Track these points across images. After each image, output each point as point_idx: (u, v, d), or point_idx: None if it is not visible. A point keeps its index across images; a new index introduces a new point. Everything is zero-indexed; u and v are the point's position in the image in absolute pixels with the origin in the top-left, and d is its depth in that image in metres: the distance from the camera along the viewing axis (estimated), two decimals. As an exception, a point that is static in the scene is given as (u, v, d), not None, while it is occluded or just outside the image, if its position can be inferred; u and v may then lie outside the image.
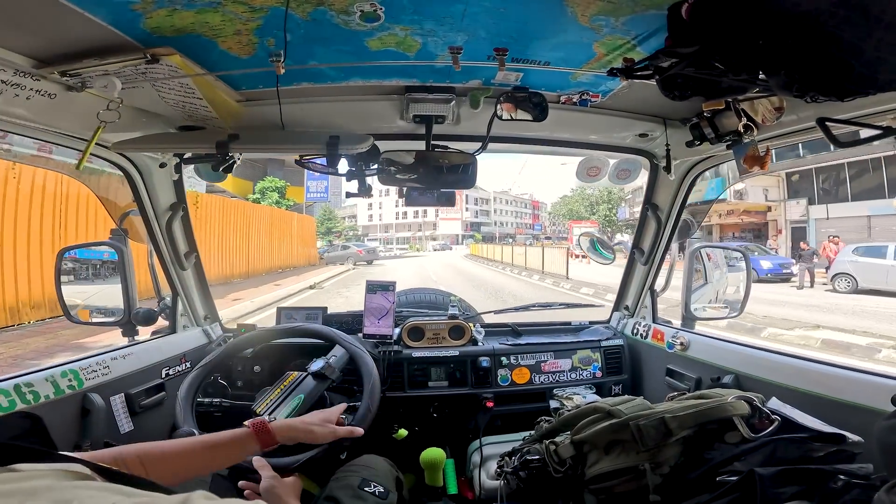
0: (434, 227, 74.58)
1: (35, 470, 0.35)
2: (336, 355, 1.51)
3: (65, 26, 0.95)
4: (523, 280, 17.74)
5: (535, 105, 1.39)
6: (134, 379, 1.52)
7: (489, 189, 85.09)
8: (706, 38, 0.85)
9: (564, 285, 14.81)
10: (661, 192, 1.93)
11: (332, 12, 0.98)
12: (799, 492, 0.78)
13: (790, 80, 0.84)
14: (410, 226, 77.42)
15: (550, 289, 14.49)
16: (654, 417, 1.05)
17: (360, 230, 79.28)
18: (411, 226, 77.34)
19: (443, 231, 73.39)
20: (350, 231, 75.88)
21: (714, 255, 2.39)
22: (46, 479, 0.35)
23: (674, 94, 1.04)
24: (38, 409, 1.17)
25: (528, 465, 1.19)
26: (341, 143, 1.40)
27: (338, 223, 73.03)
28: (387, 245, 68.74)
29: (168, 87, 1.21)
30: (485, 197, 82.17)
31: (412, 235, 75.47)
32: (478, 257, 34.27)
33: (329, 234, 67.57)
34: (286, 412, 1.33)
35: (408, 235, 76.13)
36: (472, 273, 21.30)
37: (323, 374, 1.44)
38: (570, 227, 36.42)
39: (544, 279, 17.15)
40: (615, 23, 1.02)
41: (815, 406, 1.15)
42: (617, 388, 1.99)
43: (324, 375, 1.44)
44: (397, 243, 73.11)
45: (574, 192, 48.11)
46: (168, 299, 1.89)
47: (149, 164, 1.61)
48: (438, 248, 62.18)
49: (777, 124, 1.29)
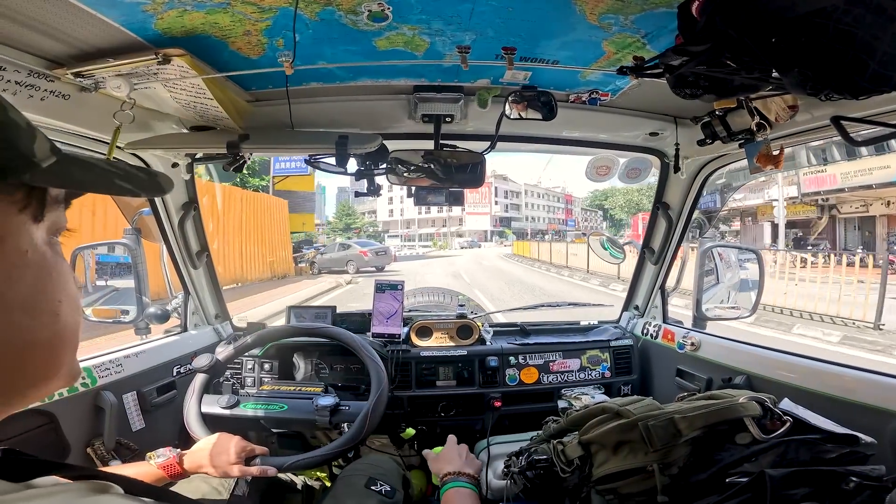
0: (460, 223, 69.40)
1: (56, 485, 0.36)
2: (348, 426, 1.42)
3: (78, 27, 0.96)
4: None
5: (544, 104, 1.38)
6: (146, 377, 1.55)
7: (519, 181, 79.34)
8: (718, 36, 0.84)
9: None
10: (672, 192, 1.91)
11: (340, 12, 0.98)
12: (810, 493, 0.77)
13: (804, 79, 0.82)
14: (434, 221, 72.85)
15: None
16: (664, 418, 1.04)
17: (379, 226, 76.25)
18: (435, 221, 72.75)
19: (469, 227, 68.42)
20: (370, 227, 72.88)
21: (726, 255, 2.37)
22: (67, 493, 0.36)
23: (685, 92, 1.03)
24: (52, 406, 1.20)
25: (536, 465, 1.18)
26: (350, 142, 1.41)
27: (357, 219, 70.93)
28: (408, 242, 64.73)
29: (179, 88, 1.23)
30: (515, 189, 76.04)
31: (436, 232, 70.87)
32: (526, 259, 27.22)
33: (348, 230, 65.89)
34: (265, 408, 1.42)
35: (431, 232, 71.80)
36: (537, 284, 14.95)
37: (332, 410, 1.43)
38: (637, 222, 30.38)
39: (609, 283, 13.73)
40: (624, 21, 1.01)
41: (827, 407, 1.13)
42: (626, 389, 1.98)
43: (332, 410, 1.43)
44: (420, 240, 68.93)
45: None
46: (179, 297, 1.92)
47: (161, 164, 1.63)
48: (466, 245, 57.26)
49: (791, 123, 1.27)
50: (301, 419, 1.42)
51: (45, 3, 0.87)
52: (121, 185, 0.46)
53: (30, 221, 0.39)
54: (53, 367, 0.42)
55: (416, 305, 2.88)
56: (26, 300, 0.39)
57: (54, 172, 0.39)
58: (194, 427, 1.40)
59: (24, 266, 0.38)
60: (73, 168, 0.42)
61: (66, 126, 1.24)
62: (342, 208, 72.32)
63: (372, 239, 68.40)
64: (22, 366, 0.39)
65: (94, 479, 0.39)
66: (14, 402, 0.40)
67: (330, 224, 71.44)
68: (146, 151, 1.51)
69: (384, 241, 67.38)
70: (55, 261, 0.42)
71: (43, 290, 0.40)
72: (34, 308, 0.39)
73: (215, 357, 1.50)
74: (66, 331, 0.43)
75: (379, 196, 1.75)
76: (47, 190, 0.41)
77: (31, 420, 1.16)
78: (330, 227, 68.07)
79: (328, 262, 19.20)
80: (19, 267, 0.38)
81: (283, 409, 1.43)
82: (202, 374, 1.50)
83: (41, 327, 0.40)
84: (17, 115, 0.39)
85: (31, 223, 0.39)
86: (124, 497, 0.39)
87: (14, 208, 0.38)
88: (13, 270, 0.38)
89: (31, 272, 0.39)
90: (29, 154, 0.37)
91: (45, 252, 0.41)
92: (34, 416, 1.17)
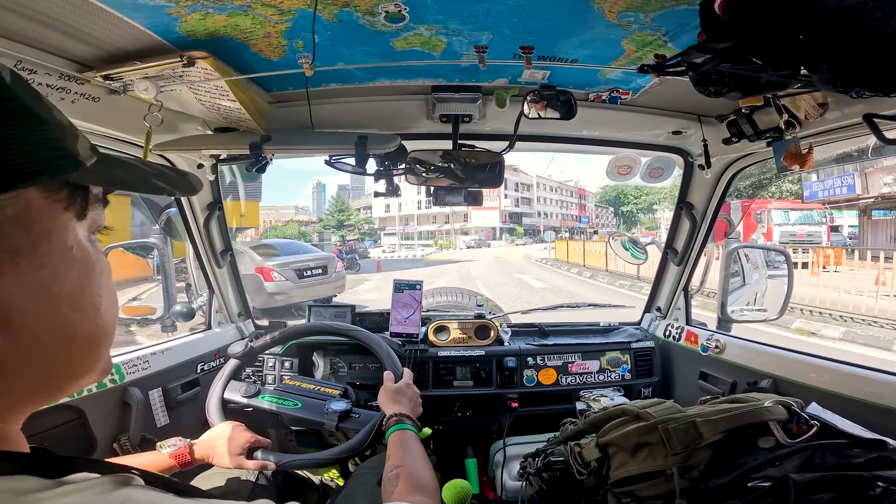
0: (465, 219, 59.27)
1: (84, 481, 0.37)
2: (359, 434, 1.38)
3: (105, 30, 0.99)
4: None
5: (563, 103, 1.37)
6: (171, 374, 1.59)
7: (531, 173, 69.37)
8: (742, 33, 0.82)
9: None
10: (696, 191, 1.87)
11: (358, 13, 1.00)
12: (835, 498, 0.75)
13: (834, 76, 0.80)
14: (436, 217, 62.15)
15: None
16: (685, 421, 1.03)
17: (375, 223, 68.71)
18: (436, 217, 61.96)
19: (476, 223, 58.75)
20: (365, 224, 66.84)
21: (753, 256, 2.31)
22: (95, 487, 0.37)
23: (709, 90, 1.01)
24: (81, 402, 1.23)
25: (552, 466, 1.18)
26: (369, 143, 1.43)
27: (351, 215, 64.51)
28: (406, 241, 58.12)
29: (203, 90, 1.26)
30: (526, 182, 67.09)
31: (438, 229, 61.00)
32: (574, 266, 18.84)
33: (341, 227, 60.78)
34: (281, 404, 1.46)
35: (432, 229, 61.88)
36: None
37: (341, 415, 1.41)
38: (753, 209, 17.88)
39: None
40: (644, 19, 1.00)
41: (856, 411, 1.10)
42: (647, 391, 1.95)
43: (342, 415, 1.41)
44: (420, 238, 60.32)
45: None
46: (204, 296, 1.97)
47: (186, 164, 1.67)
48: (473, 244, 49.04)
49: (821, 121, 1.23)
50: (312, 419, 1.43)
51: (73, 7, 0.89)
52: (157, 183, 0.48)
53: (74, 219, 0.41)
54: (92, 360, 0.44)
55: (435, 305, 2.89)
56: (72, 294, 0.40)
57: (97, 172, 0.41)
58: (213, 411, 1.43)
59: (70, 262, 0.40)
60: (114, 167, 0.44)
61: (96, 128, 1.28)
62: (335, 203, 67.12)
63: (367, 238, 59.70)
64: (65, 357, 0.41)
65: (117, 473, 0.41)
66: (52, 393, 0.42)
67: (322, 221, 67.11)
68: (172, 152, 1.55)
69: (380, 239, 59.88)
70: (96, 257, 0.44)
71: (86, 286, 0.42)
72: (78, 302, 0.41)
73: (250, 344, 1.56)
74: (106, 325, 0.44)
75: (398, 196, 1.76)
76: (89, 189, 0.42)
77: (62, 415, 1.20)
78: (322, 225, 64.18)
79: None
80: (65, 262, 0.40)
81: (297, 407, 1.45)
82: (234, 360, 1.54)
83: (84, 321, 0.42)
84: (61, 116, 0.41)
85: (75, 221, 0.41)
86: (144, 488, 0.41)
87: (60, 206, 0.39)
88: (60, 266, 0.39)
89: (76, 268, 0.41)
90: (74, 153, 0.39)
91: (87, 249, 0.42)
92: (64, 412, 1.21)
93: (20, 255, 0.36)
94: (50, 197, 0.38)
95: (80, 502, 0.35)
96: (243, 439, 1.26)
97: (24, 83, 0.39)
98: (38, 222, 0.37)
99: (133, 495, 0.38)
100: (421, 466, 0.99)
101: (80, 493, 0.35)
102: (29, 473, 0.35)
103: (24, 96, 0.37)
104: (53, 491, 0.34)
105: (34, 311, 0.38)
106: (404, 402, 1.29)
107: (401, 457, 1.02)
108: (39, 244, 0.38)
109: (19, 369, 0.38)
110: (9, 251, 0.36)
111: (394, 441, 1.10)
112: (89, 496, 0.36)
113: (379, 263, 23.26)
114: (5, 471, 0.34)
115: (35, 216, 0.37)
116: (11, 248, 0.36)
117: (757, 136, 1.39)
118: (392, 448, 1.07)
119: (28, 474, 0.35)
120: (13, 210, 0.35)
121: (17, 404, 0.40)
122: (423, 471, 0.97)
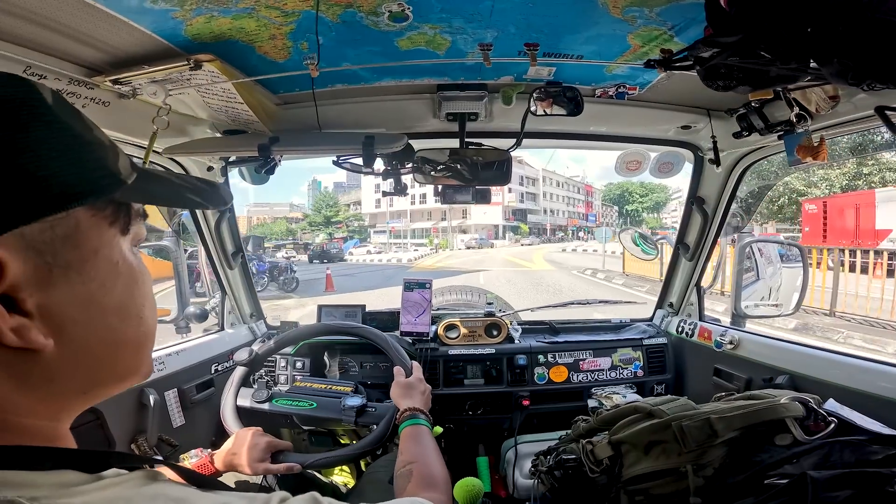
0: (464, 215, 52.52)
1: (118, 476, 0.40)
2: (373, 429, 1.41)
3: (112, 35, 1.00)
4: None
5: (570, 100, 1.36)
6: (186, 375, 1.61)
7: (537, 166, 63.06)
8: (749, 27, 0.81)
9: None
10: (707, 186, 1.85)
11: (361, 14, 1.00)
12: (853, 495, 0.74)
13: (844, 69, 0.79)
14: (431, 213, 55.54)
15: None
16: (699, 418, 1.01)
17: (365, 220, 63.21)
18: (432, 213, 55.44)
19: (476, 220, 52.63)
20: (354, 221, 62.29)
21: (766, 250, 2.28)
22: (130, 482, 0.40)
23: (717, 84, 1.00)
24: (100, 403, 1.25)
25: (564, 464, 1.17)
26: (376, 142, 1.43)
27: (340, 211, 60.87)
28: (399, 239, 53.62)
29: (211, 93, 1.27)
30: (532, 176, 60.99)
31: (433, 226, 55.15)
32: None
33: (329, 224, 57.75)
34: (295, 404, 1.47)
35: (427, 226, 55.80)
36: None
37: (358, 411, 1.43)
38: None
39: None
40: (649, 13, 0.99)
41: (874, 407, 1.08)
42: (659, 388, 1.93)
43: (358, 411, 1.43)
44: (412, 237, 55.30)
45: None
46: (217, 297, 1.99)
47: (197, 167, 1.69)
48: (474, 244, 44.01)
49: (832, 113, 1.21)
50: (329, 418, 1.44)
51: (80, 12, 0.90)
52: (191, 198, 0.52)
53: (118, 234, 0.44)
54: (136, 364, 0.48)
55: (444, 304, 2.89)
56: (118, 305, 0.43)
57: (137, 189, 0.44)
58: (229, 419, 1.44)
59: (116, 275, 0.43)
60: (152, 184, 0.48)
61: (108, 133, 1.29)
62: (321, 198, 62.60)
63: (356, 236, 55.56)
64: (112, 362, 0.44)
65: (146, 469, 0.44)
66: (99, 395, 0.46)
67: (308, 217, 63.93)
68: (183, 156, 1.57)
69: (370, 237, 54.25)
70: (140, 269, 0.46)
71: (131, 297, 0.45)
72: (124, 312, 0.44)
73: (255, 351, 1.56)
74: (149, 332, 0.48)
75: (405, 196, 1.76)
76: (131, 205, 0.45)
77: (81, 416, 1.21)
78: (308, 221, 61.74)
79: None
80: (112, 276, 0.43)
81: (313, 407, 1.46)
82: (241, 368, 1.55)
83: (129, 328, 0.45)
84: (102, 134, 0.44)
85: (120, 236, 0.44)
86: (172, 483, 0.44)
87: (105, 223, 0.42)
88: (107, 279, 0.42)
89: (122, 281, 0.44)
90: (117, 172, 0.42)
91: (131, 262, 0.45)
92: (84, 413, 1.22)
93: (72, 270, 0.39)
94: (97, 215, 0.41)
95: (116, 495, 0.38)
96: (264, 444, 1.26)
97: (65, 104, 0.41)
98: (86, 239, 0.40)
99: (164, 490, 0.41)
100: (434, 462, 0.99)
101: (117, 486, 0.39)
102: (72, 468, 0.38)
103: (67, 118, 0.40)
104: (93, 485, 0.37)
105: (85, 321, 0.40)
106: (416, 395, 1.28)
107: (415, 452, 1.02)
108: (88, 259, 0.40)
109: (71, 374, 0.41)
110: (62, 266, 0.38)
111: (407, 435, 1.10)
112: (124, 489, 0.39)
113: (329, 279, 14.77)
114: (53, 465, 0.37)
115: (83, 233, 0.40)
116: (64, 263, 0.38)
117: (768, 129, 1.37)
118: (405, 443, 1.07)
119: (71, 469, 0.38)
120: (63, 228, 0.38)
121: (67, 405, 0.44)
122: (435, 466, 0.97)
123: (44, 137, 0.36)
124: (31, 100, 0.37)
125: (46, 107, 0.38)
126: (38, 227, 0.36)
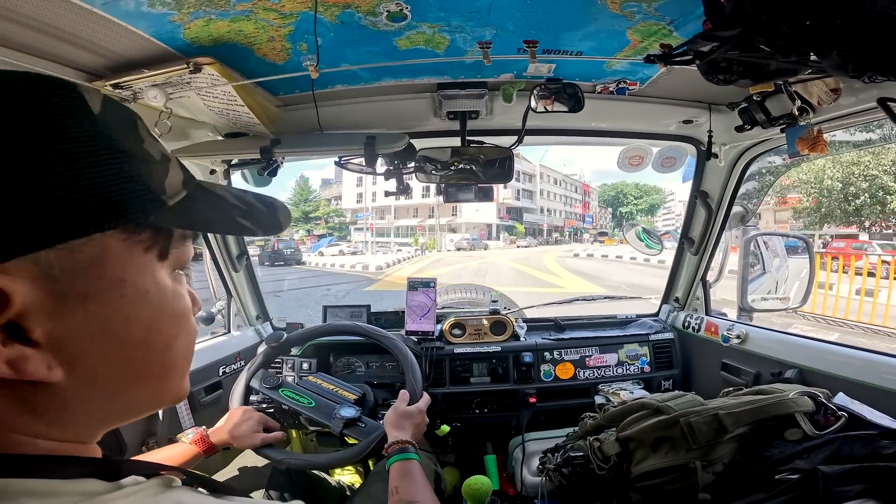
0: (454, 213, 47.51)
1: (136, 483, 0.39)
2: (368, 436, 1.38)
3: (112, 40, 1.00)
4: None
5: (570, 96, 1.36)
6: (195, 377, 1.61)
7: (534, 161, 58.22)
8: (748, 20, 0.80)
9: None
10: (711, 180, 1.84)
11: (360, 14, 1.00)
12: (864, 490, 0.73)
13: (844, 61, 0.78)
14: (417, 210, 49.95)
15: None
16: (707, 414, 1.01)
17: (346, 216, 57.13)
18: (418, 210, 49.87)
19: (467, 219, 47.86)
20: (334, 216, 57.45)
21: (772, 244, 2.26)
22: (148, 490, 0.39)
23: (717, 78, 0.99)
24: None
25: (571, 461, 1.17)
26: (378, 142, 1.43)
27: (319, 206, 56.81)
28: (382, 237, 48.40)
29: (212, 96, 1.28)
30: (529, 171, 56.57)
31: (419, 224, 49.53)
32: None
33: (308, 220, 53.37)
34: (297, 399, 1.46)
35: (413, 224, 50.38)
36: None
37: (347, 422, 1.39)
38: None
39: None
40: (647, 8, 0.98)
41: (885, 402, 1.07)
42: (667, 384, 1.92)
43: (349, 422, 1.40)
44: (397, 236, 49.47)
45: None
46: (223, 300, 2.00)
47: (200, 171, 1.69)
48: (465, 245, 39.75)
49: (834, 106, 1.20)
50: (320, 420, 1.43)
51: (78, 17, 0.90)
52: (242, 223, 0.45)
53: (155, 260, 0.39)
54: (162, 393, 0.44)
55: (449, 302, 2.89)
56: (143, 339, 0.39)
57: (178, 212, 0.40)
58: (236, 397, 1.45)
59: (144, 306, 0.39)
60: (199, 204, 0.42)
61: None
62: (299, 192, 55.89)
63: (335, 233, 50.71)
64: (133, 393, 0.41)
65: (160, 475, 0.43)
66: (125, 418, 0.43)
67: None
68: (185, 159, 1.57)
69: (350, 235, 49.13)
70: (176, 295, 0.42)
71: (158, 330, 0.41)
72: (148, 345, 0.40)
73: (286, 336, 1.59)
74: (178, 360, 0.44)
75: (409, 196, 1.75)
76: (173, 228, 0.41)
77: None
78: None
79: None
80: (138, 307, 0.38)
81: (311, 406, 1.45)
82: (268, 349, 1.57)
83: (154, 360, 0.41)
84: (153, 147, 0.40)
85: (156, 262, 0.40)
86: (188, 490, 0.43)
87: (140, 247, 0.38)
88: (133, 311, 0.38)
89: (149, 312, 0.39)
90: (158, 192, 0.38)
91: (165, 290, 0.41)
92: None
93: (90, 301, 0.35)
94: (130, 238, 0.37)
95: (137, 503, 0.37)
96: (257, 418, 1.32)
97: (118, 111, 0.38)
98: (112, 266, 0.36)
99: (180, 497, 0.40)
100: (429, 501, 1.00)
101: (135, 495, 0.37)
102: (94, 477, 0.37)
103: (113, 128, 0.36)
104: (113, 494, 0.36)
105: (102, 355, 0.37)
106: (408, 427, 1.24)
107: (411, 491, 1.01)
108: (112, 288, 0.36)
109: (86, 404, 0.38)
110: (79, 296, 0.34)
111: (399, 471, 1.08)
112: (142, 498, 0.38)
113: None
114: (78, 474, 0.36)
115: (110, 260, 0.36)
116: (82, 292, 0.34)
117: (770, 122, 1.36)
118: (398, 480, 1.05)
119: (94, 477, 0.37)
120: (86, 254, 0.34)
121: (88, 429, 0.41)
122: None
123: (69, 150, 0.33)
124: (61, 107, 0.34)
125: (89, 116, 0.34)
126: (56, 253, 0.32)
